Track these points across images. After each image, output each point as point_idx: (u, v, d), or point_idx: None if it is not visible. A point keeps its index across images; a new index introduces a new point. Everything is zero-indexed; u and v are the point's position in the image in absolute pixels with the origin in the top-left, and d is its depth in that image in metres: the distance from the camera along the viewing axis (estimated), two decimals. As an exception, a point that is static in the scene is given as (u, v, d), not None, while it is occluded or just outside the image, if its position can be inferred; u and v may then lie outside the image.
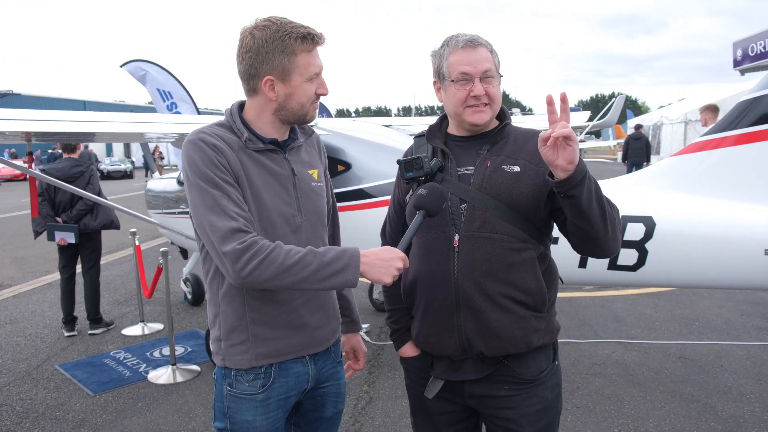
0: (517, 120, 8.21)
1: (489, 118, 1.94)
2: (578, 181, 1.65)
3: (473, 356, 1.94)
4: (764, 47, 15.32)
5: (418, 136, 2.11)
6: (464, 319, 1.90)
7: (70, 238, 5.87)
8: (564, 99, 1.64)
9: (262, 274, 1.69)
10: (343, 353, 2.29)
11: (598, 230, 1.76)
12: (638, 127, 18.93)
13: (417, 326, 2.05)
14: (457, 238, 1.90)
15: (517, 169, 1.89)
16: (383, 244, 2.22)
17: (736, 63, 16.99)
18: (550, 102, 1.65)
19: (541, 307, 1.92)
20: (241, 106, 1.97)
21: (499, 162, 1.91)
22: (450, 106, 1.97)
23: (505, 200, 1.87)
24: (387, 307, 2.18)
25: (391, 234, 2.20)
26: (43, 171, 5.96)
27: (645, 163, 15.47)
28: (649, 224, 3.44)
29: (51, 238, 5.89)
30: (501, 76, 1.94)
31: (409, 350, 2.11)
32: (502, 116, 2.01)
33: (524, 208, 1.88)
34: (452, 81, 1.91)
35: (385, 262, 1.74)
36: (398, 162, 2.02)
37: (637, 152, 16.27)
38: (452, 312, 1.92)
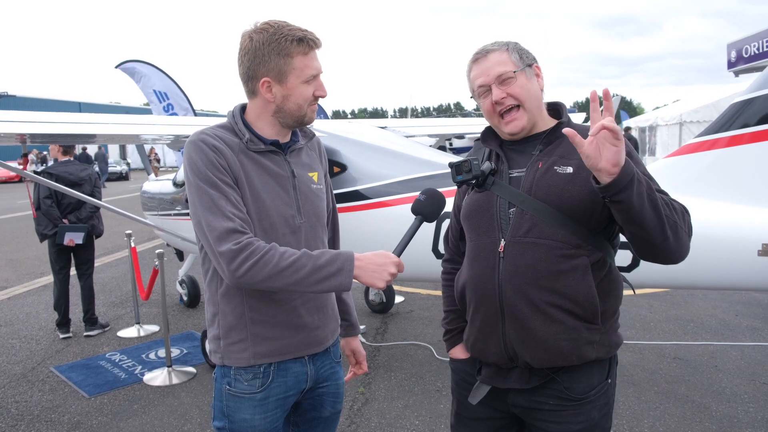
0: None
1: (525, 122, 1.84)
2: (625, 185, 1.52)
3: (520, 366, 1.86)
4: (758, 49, 15.40)
5: (477, 139, 2.04)
6: (509, 327, 1.82)
7: (78, 238, 5.87)
8: (607, 96, 1.52)
9: (257, 275, 1.71)
10: (344, 356, 2.30)
11: (654, 236, 1.62)
12: (626, 129, 19.08)
13: (467, 330, 2.00)
14: (503, 243, 1.82)
15: (570, 170, 1.77)
16: (445, 251, 2.19)
17: (731, 64, 17.07)
18: (593, 98, 1.55)
19: (593, 318, 1.79)
20: (244, 108, 1.99)
21: (551, 163, 1.81)
22: (488, 121, 1.90)
23: (556, 204, 1.76)
24: (443, 308, 2.16)
25: (453, 241, 2.14)
26: (49, 173, 5.93)
27: None
28: None
29: (61, 240, 5.86)
30: (529, 66, 1.84)
31: (459, 352, 2.07)
32: (559, 114, 1.93)
33: (577, 212, 1.75)
34: (478, 96, 1.88)
35: (378, 267, 1.75)
36: (449, 165, 1.93)
37: None
38: (497, 319, 1.84)
